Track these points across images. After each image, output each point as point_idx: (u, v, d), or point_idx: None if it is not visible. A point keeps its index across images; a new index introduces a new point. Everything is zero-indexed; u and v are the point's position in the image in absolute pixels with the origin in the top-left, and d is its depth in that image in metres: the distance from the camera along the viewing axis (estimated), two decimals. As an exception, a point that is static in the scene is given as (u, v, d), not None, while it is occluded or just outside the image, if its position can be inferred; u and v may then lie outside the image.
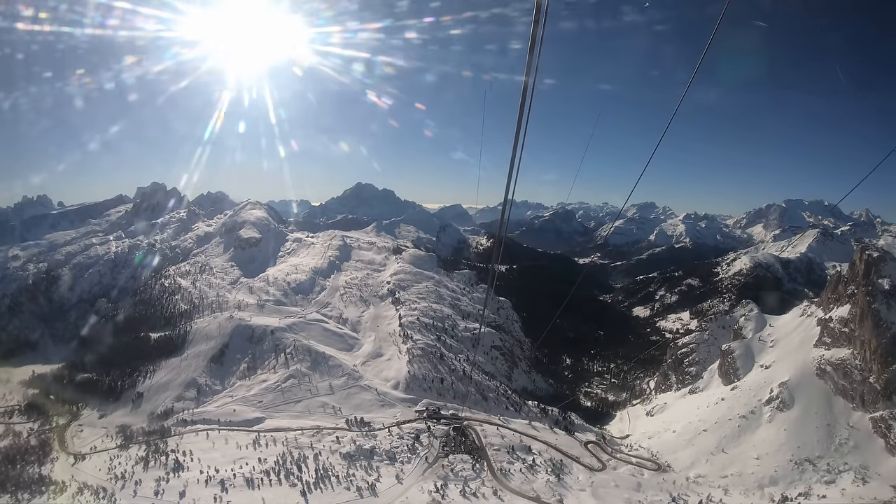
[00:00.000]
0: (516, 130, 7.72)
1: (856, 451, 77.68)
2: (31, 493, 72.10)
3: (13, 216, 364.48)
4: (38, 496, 71.19)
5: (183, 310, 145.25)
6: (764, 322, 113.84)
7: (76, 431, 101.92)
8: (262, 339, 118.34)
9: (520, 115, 7.45)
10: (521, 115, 7.44)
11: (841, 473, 75.17)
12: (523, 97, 7.27)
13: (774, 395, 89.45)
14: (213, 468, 71.40)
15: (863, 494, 69.76)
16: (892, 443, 75.70)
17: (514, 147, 8.01)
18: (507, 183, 8.86)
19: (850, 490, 71.42)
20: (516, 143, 7.91)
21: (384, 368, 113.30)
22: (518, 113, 7.48)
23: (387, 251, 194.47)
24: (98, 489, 69.85)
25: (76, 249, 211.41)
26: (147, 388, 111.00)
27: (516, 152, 8.08)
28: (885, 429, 77.51)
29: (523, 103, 7.32)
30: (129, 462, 78.44)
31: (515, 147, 7.98)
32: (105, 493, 68.57)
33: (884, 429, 77.72)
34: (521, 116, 7.46)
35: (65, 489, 72.50)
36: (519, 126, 7.62)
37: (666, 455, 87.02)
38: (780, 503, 70.88)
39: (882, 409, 79.77)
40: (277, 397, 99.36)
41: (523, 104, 7.33)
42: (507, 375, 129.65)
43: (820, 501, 69.97)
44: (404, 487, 68.74)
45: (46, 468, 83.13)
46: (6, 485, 75.48)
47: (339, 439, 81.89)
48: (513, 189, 8.92)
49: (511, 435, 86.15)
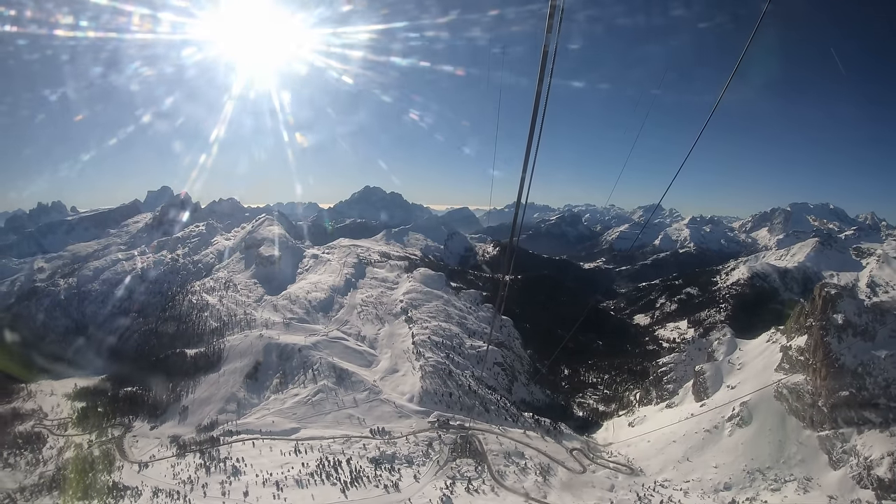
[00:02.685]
0: (528, 138, 7.63)
1: (802, 465, 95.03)
2: (115, 497, 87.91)
3: (29, 222, 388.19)
4: (121, 500, 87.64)
5: (214, 327, 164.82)
6: (735, 346, 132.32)
7: (132, 442, 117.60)
8: (291, 357, 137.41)
9: (532, 124, 7.41)
10: (534, 123, 7.45)
11: (786, 483, 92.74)
12: (536, 104, 7.26)
13: (736, 413, 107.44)
14: (266, 472, 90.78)
15: (803, 502, 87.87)
16: (835, 459, 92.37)
17: (525, 163, 8.09)
18: (517, 205, 9.45)
19: (791, 497, 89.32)
20: (527, 158, 7.99)
21: (400, 383, 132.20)
22: (531, 115, 7.41)
23: (399, 269, 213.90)
24: (171, 492, 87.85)
25: (104, 265, 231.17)
26: (191, 402, 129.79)
27: (528, 162, 8.12)
28: (829, 447, 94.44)
29: (536, 110, 7.30)
30: (189, 468, 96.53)
31: (526, 163, 8.06)
32: (178, 495, 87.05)
33: (828, 446, 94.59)
34: (532, 125, 7.43)
35: (141, 493, 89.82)
36: (531, 138, 7.58)
37: (640, 461, 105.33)
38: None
39: (828, 429, 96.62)
40: (309, 410, 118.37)
41: (536, 110, 7.32)
42: (507, 389, 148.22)
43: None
44: (420, 485, 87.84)
45: (115, 475, 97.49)
46: (87, 492, 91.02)
47: (366, 446, 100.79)
48: (523, 212, 9.55)
49: (508, 442, 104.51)
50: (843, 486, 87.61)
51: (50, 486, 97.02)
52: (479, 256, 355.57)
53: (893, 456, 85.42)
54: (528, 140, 7.64)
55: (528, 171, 8.28)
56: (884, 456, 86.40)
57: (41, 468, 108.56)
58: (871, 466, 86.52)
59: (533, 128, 7.53)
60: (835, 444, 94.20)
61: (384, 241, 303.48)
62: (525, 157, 8.00)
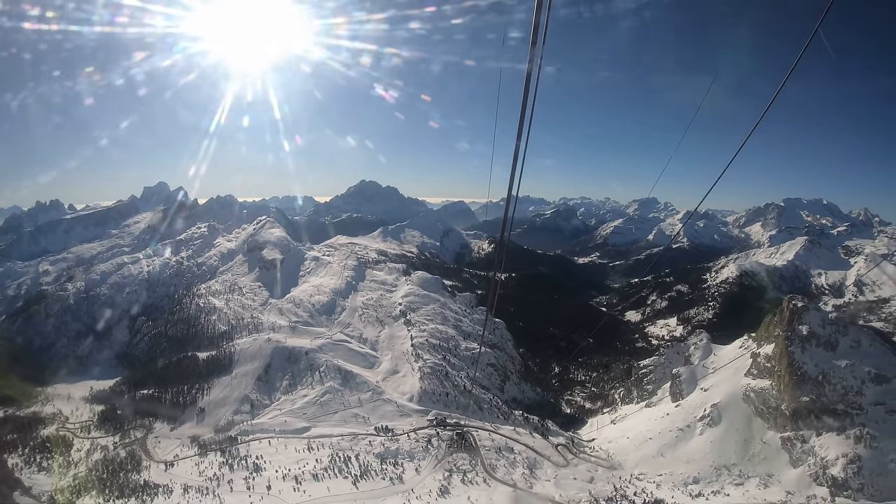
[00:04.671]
0: (518, 129, 7.55)
1: (764, 462, 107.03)
2: (149, 495, 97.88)
3: (28, 221, 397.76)
4: (155, 497, 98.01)
5: (222, 330, 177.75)
6: (710, 350, 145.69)
7: (154, 443, 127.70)
8: (299, 360, 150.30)
9: (522, 115, 7.31)
10: (523, 114, 7.32)
11: (749, 479, 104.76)
12: (525, 92, 7.16)
13: (706, 413, 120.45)
14: (284, 468, 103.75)
15: (762, 496, 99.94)
16: (794, 458, 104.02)
17: (514, 159, 8.00)
18: (506, 208, 9.46)
19: (752, 492, 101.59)
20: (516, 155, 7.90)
21: (401, 384, 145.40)
22: (521, 105, 7.32)
23: (397, 272, 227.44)
24: (200, 488, 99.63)
25: (110, 269, 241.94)
26: (207, 404, 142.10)
27: (517, 158, 8.05)
28: (790, 447, 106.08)
29: (525, 98, 7.21)
30: (213, 466, 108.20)
31: (515, 158, 7.96)
32: (207, 490, 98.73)
33: (789, 447, 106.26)
34: (522, 116, 7.33)
35: (171, 490, 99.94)
36: (520, 129, 7.50)
37: (619, 456, 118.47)
38: (696, 496, 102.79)
39: (790, 430, 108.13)
40: (318, 409, 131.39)
41: (525, 99, 7.22)
42: (499, 388, 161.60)
43: (725, 498, 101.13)
44: (421, 477, 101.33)
45: (144, 475, 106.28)
46: (123, 490, 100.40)
47: (371, 443, 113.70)
48: (513, 209, 9.58)
49: (499, 438, 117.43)
50: (800, 483, 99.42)
51: (85, 487, 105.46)
52: (474, 253, 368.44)
53: (847, 457, 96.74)
54: (517, 131, 7.50)
55: (517, 166, 8.20)
56: (839, 457, 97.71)
57: (73, 470, 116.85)
58: (826, 466, 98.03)
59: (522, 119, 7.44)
60: (795, 444, 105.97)
61: (381, 239, 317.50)
62: (514, 152, 7.92)
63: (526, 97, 7.16)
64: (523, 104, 7.26)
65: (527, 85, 6.97)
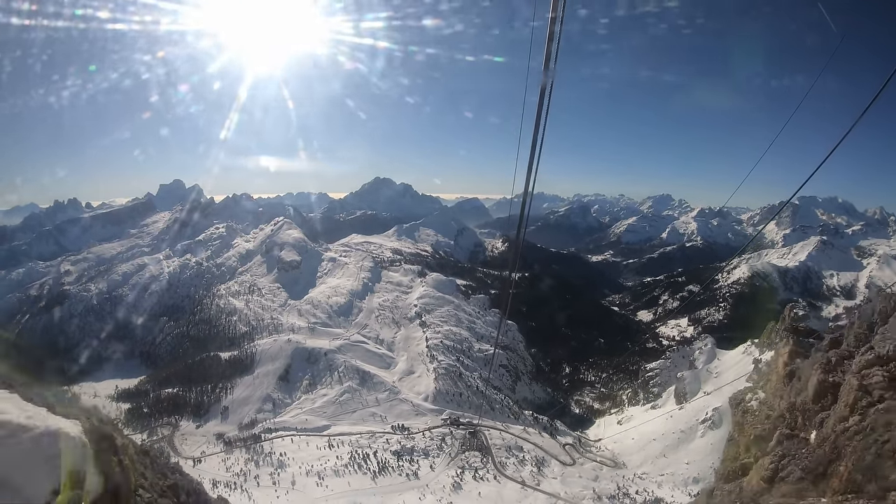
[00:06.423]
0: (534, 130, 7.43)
1: None
2: None
3: (46, 220, 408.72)
4: None
5: (243, 331, 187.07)
6: (714, 355, 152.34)
7: (181, 440, 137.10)
8: (318, 360, 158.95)
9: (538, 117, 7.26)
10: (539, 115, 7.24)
11: None
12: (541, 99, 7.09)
13: (708, 417, 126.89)
14: (307, 464, 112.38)
15: None
16: None
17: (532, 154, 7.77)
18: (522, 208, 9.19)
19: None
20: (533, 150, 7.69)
21: (416, 384, 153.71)
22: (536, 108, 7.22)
23: (412, 273, 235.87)
24: (228, 483, 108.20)
25: (131, 269, 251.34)
26: (230, 402, 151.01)
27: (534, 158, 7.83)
28: None
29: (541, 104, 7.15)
30: (239, 462, 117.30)
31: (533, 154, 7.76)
32: (236, 485, 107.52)
33: None
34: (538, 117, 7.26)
35: (201, 485, 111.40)
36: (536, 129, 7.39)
37: (623, 456, 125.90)
38: (695, 495, 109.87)
39: None
40: (337, 408, 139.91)
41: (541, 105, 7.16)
42: (511, 388, 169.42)
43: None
44: (436, 473, 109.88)
45: None
46: None
47: (388, 441, 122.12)
48: (527, 212, 9.17)
49: (509, 437, 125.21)
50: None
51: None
52: (488, 252, 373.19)
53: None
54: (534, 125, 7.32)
55: (533, 164, 7.93)
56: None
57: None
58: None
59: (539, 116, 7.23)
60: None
61: (396, 238, 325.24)
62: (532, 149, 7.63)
63: (542, 96, 7.14)
64: (539, 103, 7.23)
65: (546, 72, 6.90)
